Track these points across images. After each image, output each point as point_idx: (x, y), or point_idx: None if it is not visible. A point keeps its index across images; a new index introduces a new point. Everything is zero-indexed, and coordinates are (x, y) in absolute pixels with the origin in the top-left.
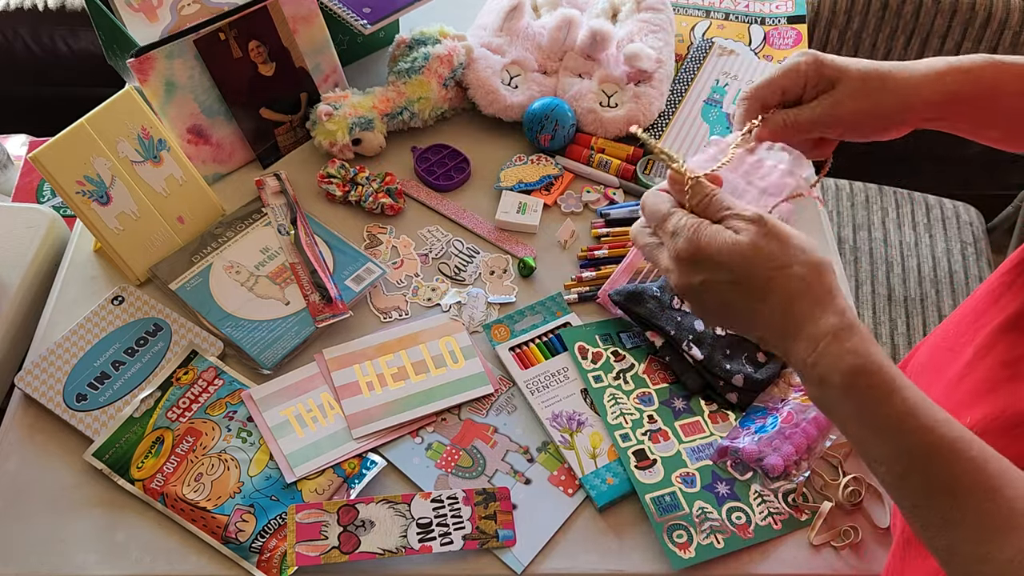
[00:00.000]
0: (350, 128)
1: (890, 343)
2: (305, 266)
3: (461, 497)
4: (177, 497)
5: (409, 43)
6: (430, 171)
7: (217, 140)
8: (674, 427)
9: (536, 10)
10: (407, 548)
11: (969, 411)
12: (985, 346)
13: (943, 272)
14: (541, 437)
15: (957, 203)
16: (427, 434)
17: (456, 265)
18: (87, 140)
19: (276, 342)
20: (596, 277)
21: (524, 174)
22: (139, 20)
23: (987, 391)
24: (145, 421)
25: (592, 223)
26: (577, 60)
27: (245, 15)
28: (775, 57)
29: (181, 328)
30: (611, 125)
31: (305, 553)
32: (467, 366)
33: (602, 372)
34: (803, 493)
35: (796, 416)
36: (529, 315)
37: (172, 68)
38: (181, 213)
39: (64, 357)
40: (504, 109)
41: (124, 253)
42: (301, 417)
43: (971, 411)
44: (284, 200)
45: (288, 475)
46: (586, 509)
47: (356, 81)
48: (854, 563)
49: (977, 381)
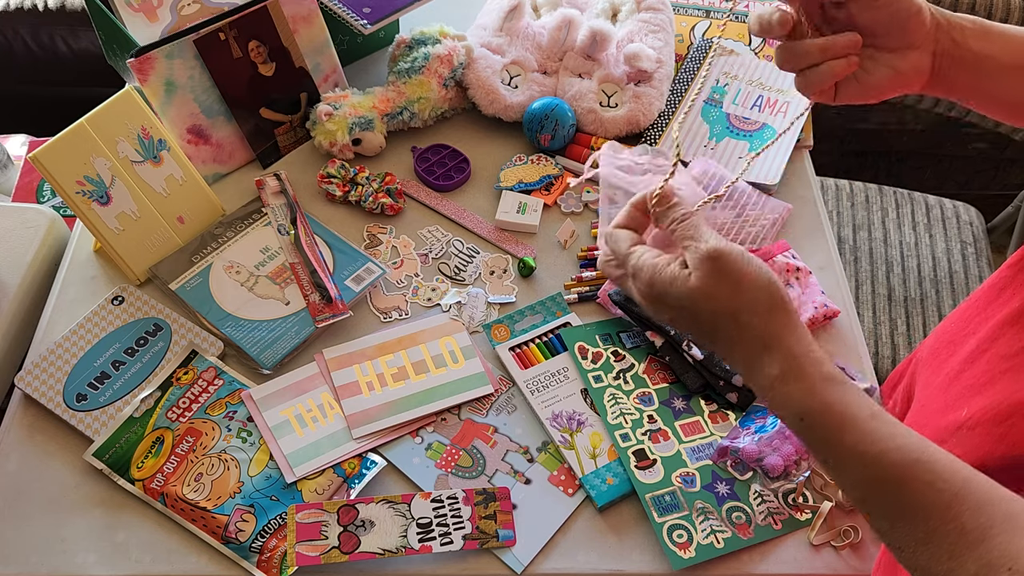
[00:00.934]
0: (350, 128)
1: (890, 343)
2: (305, 266)
3: (461, 497)
4: (177, 497)
5: (409, 43)
6: (430, 171)
7: (217, 140)
8: (674, 427)
9: (536, 10)
10: (407, 548)
11: (967, 403)
12: (987, 339)
13: (943, 272)
14: (541, 437)
15: (957, 203)
16: (427, 434)
17: (456, 265)
18: (87, 140)
19: (276, 342)
20: (596, 277)
21: (524, 174)
22: (139, 20)
23: (985, 384)
24: (145, 421)
25: (592, 223)
26: (577, 60)
27: (245, 15)
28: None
29: (181, 328)
30: (611, 125)
31: (305, 553)
32: (467, 366)
33: (602, 372)
34: (803, 493)
35: None
36: (529, 315)
37: (172, 68)
38: (181, 213)
39: (64, 357)
40: (504, 109)
41: (124, 253)
42: (301, 417)
43: (969, 403)
44: (284, 200)
45: (288, 475)
46: (586, 509)
47: (356, 81)
48: (854, 563)
49: (976, 374)
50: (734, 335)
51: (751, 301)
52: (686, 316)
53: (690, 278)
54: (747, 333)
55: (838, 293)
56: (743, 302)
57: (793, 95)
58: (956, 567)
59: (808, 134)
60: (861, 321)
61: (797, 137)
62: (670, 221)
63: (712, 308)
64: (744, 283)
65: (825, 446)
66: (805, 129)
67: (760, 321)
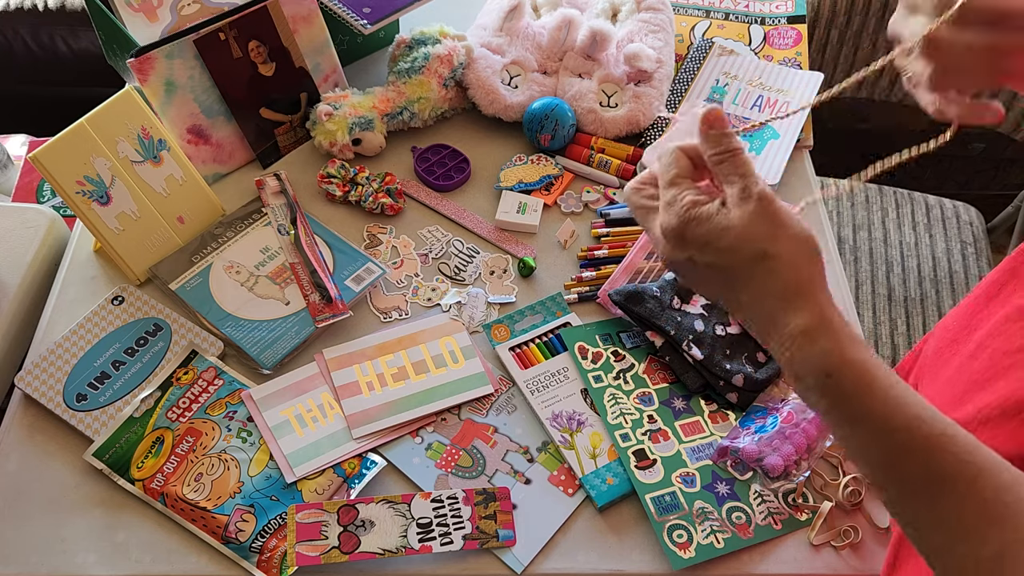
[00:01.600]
0: (350, 128)
1: (890, 343)
2: (305, 266)
3: (461, 497)
4: (177, 497)
5: (409, 43)
6: (430, 171)
7: (217, 140)
8: (674, 427)
9: (536, 10)
10: (407, 548)
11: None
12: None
13: (943, 272)
14: (541, 437)
15: (957, 203)
16: (427, 434)
17: (456, 265)
18: (87, 140)
19: (276, 342)
20: (596, 277)
21: (524, 174)
22: (139, 20)
23: (989, 380)
24: (145, 421)
25: (592, 223)
26: (577, 60)
27: (245, 15)
28: (775, 57)
29: (181, 328)
30: (611, 125)
31: (305, 553)
32: (467, 366)
33: (602, 372)
34: (803, 493)
35: (796, 416)
36: (529, 315)
37: (172, 68)
38: (181, 213)
39: (64, 357)
40: (504, 109)
41: (124, 253)
42: (301, 417)
43: (973, 400)
44: (284, 200)
45: (288, 475)
46: (586, 509)
47: (356, 81)
48: (854, 563)
49: (980, 370)
50: (763, 282)
51: (790, 250)
52: (710, 256)
53: (730, 213)
54: (778, 281)
55: (838, 293)
56: (781, 248)
57: (793, 95)
58: (976, 546)
59: (808, 134)
60: (861, 321)
61: (797, 137)
62: (722, 150)
63: (747, 249)
64: (786, 230)
65: (849, 409)
66: (805, 129)
67: (795, 271)
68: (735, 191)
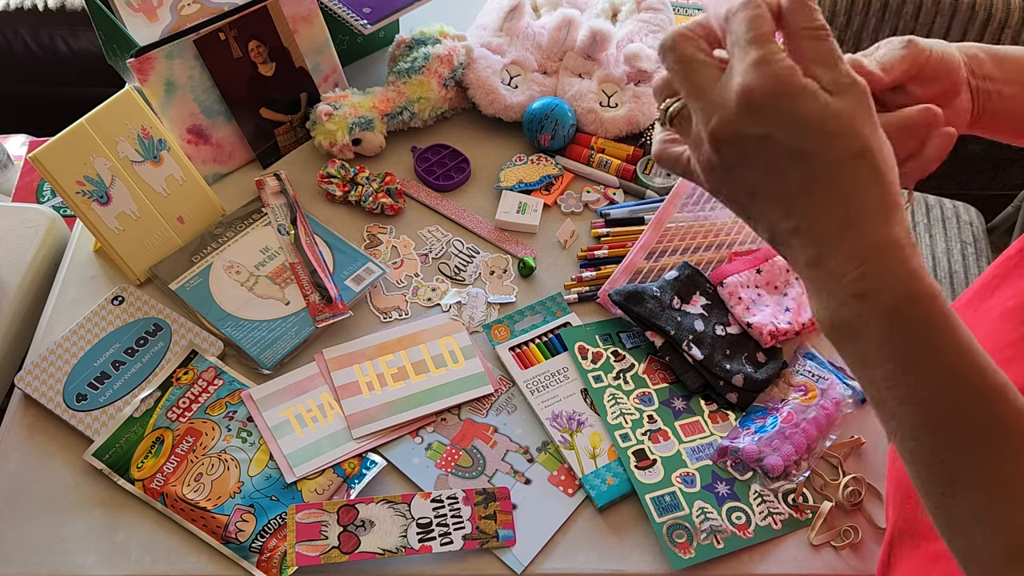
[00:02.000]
0: (350, 128)
1: None
2: (305, 266)
3: (461, 497)
4: (177, 497)
5: (409, 43)
6: (430, 171)
7: (217, 140)
8: (674, 427)
9: (536, 10)
10: (407, 548)
11: None
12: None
13: (943, 272)
14: (541, 437)
15: (957, 203)
16: (427, 434)
17: (456, 265)
18: (87, 140)
19: (276, 342)
20: (596, 277)
21: (524, 174)
22: (139, 20)
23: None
24: (145, 421)
25: (592, 223)
26: (577, 60)
27: (245, 15)
28: None
29: (181, 328)
30: (611, 125)
31: (305, 553)
32: (467, 366)
33: (602, 372)
34: (803, 493)
35: (796, 416)
36: (529, 315)
37: (172, 68)
38: (181, 213)
39: (64, 357)
40: (504, 109)
41: (124, 253)
42: (301, 417)
43: None
44: (284, 200)
45: (288, 475)
46: (586, 509)
47: (356, 81)
48: (854, 563)
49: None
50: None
51: (887, 156)
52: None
53: (834, 101)
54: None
55: None
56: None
57: None
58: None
59: None
60: None
61: None
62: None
63: (849, 142)
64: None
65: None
66: None
67: (893, 176)
68: (833, 75)
